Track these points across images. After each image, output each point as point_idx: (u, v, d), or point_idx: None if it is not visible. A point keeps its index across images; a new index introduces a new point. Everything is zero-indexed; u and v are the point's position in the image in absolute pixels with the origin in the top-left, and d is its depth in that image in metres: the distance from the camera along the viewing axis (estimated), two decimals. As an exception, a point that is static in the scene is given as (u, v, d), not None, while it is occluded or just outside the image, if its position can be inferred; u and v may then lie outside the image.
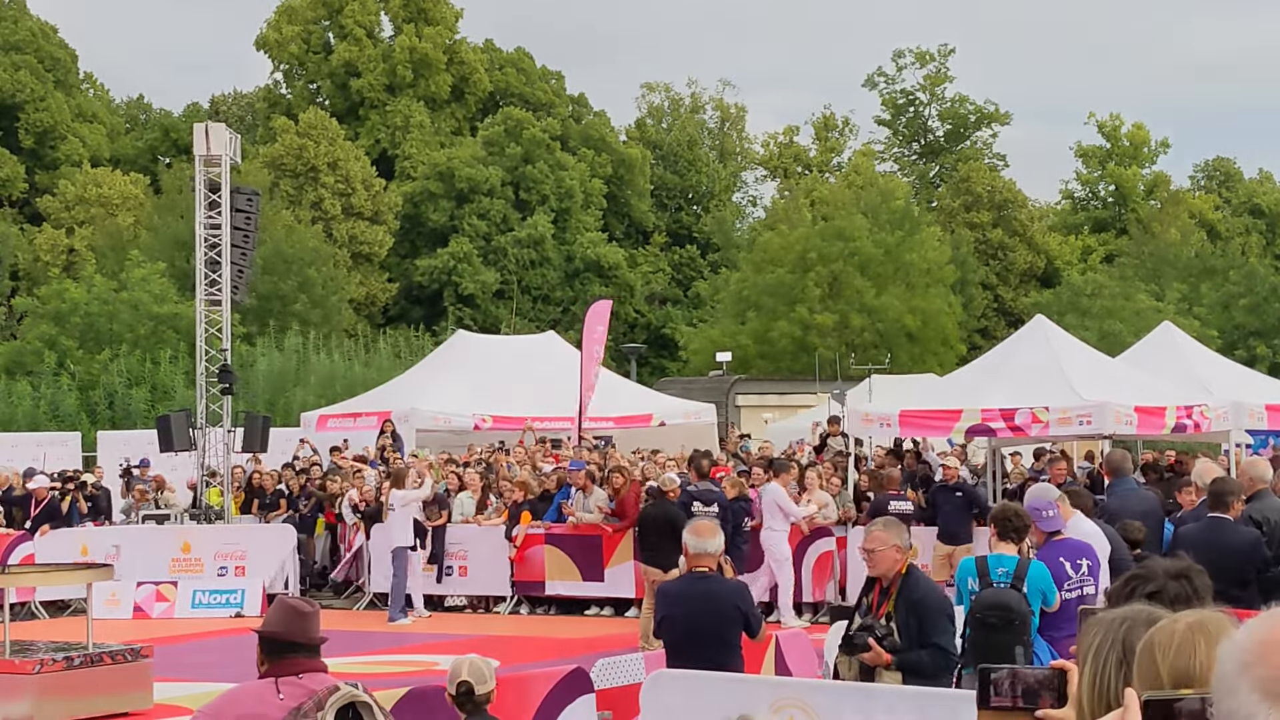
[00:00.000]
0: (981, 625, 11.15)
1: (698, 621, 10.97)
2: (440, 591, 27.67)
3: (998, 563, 11.48)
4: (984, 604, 11.17)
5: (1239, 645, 2.69)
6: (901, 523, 11.56)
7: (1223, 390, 27.46)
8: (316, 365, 57.28)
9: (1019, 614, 11.15)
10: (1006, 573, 11.37)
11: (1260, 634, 2.68)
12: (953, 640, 10.61)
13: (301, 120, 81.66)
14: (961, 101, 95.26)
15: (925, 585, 10.81)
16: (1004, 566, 11.44)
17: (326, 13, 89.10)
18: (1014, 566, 11.42)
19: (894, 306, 66.54)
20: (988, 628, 11.12)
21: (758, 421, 48.50)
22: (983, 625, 11.15)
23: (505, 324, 76.28)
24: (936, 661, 10.45)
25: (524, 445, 32.78)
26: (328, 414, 38.53)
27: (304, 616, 7.55)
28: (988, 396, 25.24)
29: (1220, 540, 13.75)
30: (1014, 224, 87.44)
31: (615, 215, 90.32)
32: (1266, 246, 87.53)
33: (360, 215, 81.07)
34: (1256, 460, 17.86)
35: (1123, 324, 61.15)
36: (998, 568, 11.43)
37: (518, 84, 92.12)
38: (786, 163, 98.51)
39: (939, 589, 11.11)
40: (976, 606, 11.20)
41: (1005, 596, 11.19)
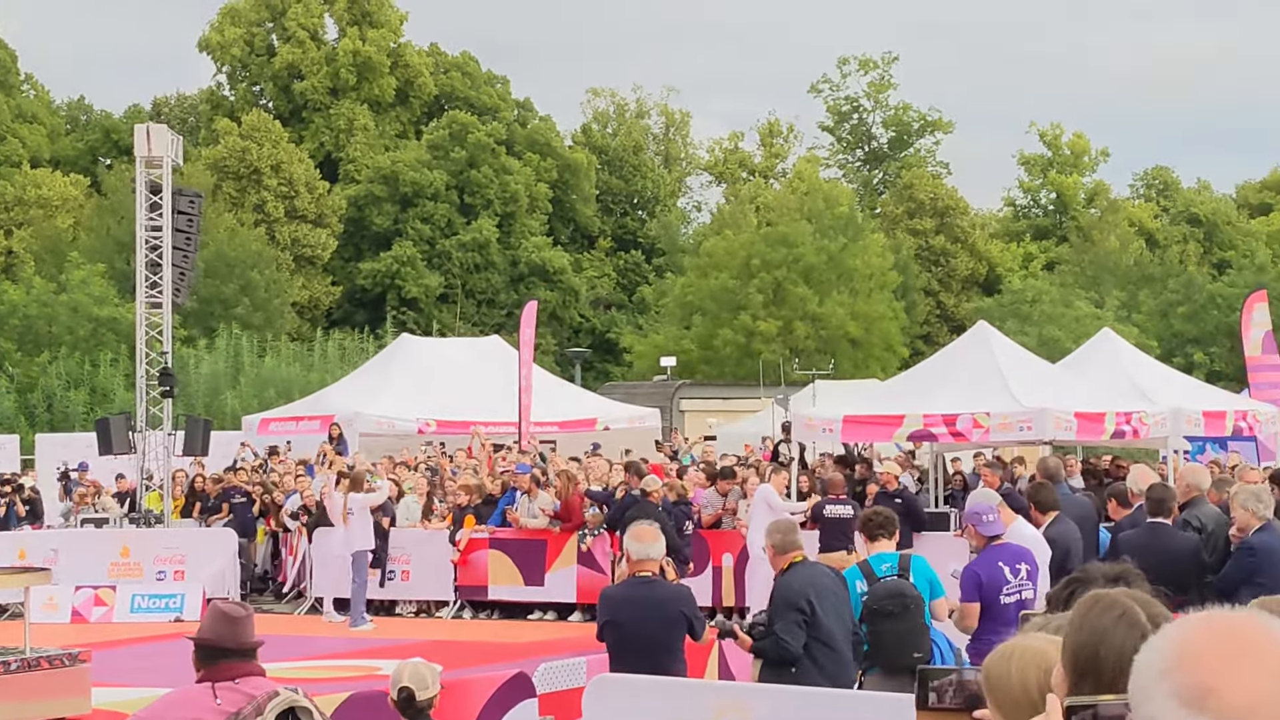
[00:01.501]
0: (880, 615, 11.43)
1: (641, 626, 10.99)
2: (383, 596, 27.58)
3: (880, 560, 11.83)
4: (879, 595, 11.47)
5: (1157, 651, 2.68)
6: (797, 524, 12.25)
7: (1161, 397, 27.62)
8: (255, 368, 57.08)
9: (912, 598, 11.47)
10: (891, 567, 11.73)
11: (1178, 640, 2.68)
12: (790, 630, 10.99)
13: (244, 122, 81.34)
14: (905, 109, 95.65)
15: (785, 580, 11.32)
16: (887, 562, 11.79)
17: (270, 15, 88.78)
18: (896, 560, 11.79)
19: (837, 313, 66.77)
20: (886, 616, 11.41)
21: (702, 426, 48.55)
22: (881, 615, 11.43)
23: (449, 328, 76.15)
24: (774, 648, 11.04)
25: (472, 451, 32.69)
26: (270, 417, 38.40)
27: (236, 621, 7.53)
28: (930, 402, 25.35)
29: (1161, 546, 13.83)
30: (956, 231, 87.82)
31: (560, 220, 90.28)
32: (1204, 255, 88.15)
33: (303, 218, 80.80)
34: (1194, 467, 17.96)
35: (1062, 331, 61.52)
36: (881, 565, 11.76)
37: (463, 88, 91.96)
38: (731, 168, 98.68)
39: (800, 583, 11.27)
40: (871, 600, 11.46)
41: (898, 584, 11.56)
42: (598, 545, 25.88)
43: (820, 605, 11.18)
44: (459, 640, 24.30)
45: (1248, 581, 13.59)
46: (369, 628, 25.57)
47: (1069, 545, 14.61)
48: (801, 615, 11.07)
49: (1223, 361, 66.06)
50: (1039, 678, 3.51)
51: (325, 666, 21.32)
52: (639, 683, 10.76)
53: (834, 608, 11.33)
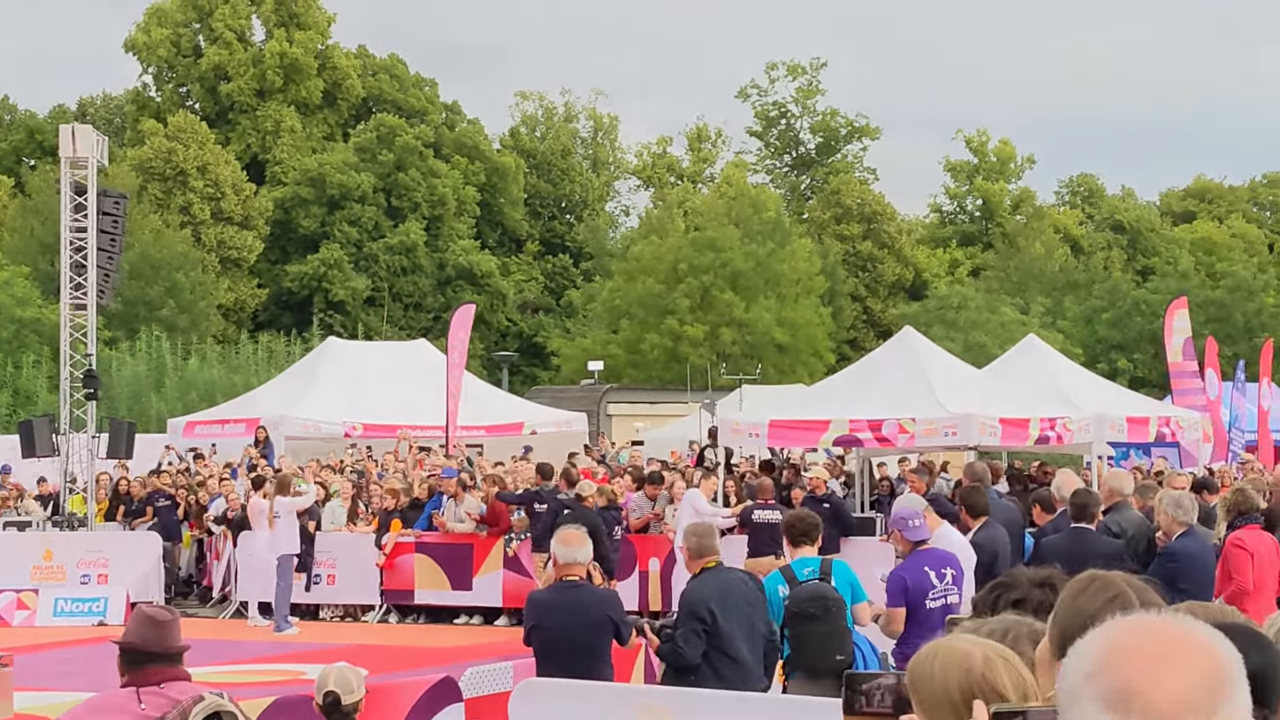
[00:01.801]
0: (801, 618, 11.45)
1: (568, 630, 11.00)
2: (309, 600, 27.46)
3: (802, 565, 11.83)
4: (800, 598, 11.49)
5: (1083, 654, 2.69)
6: (715, 529, 12.33)
7: (1085, 403, 27.83)
8: (179, 371, 56.73)
9: (834, 600, 11.48)
10: (813, 571, 11.73)
11: (1106, 642, 2.69)
12: (688, 638, 11.07)
13: (170, 123, 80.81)
14: (833, 115, 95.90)
15: (692, 586, 11.49)
16: (809, 567, 11.79)
17: (197, 16, 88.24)
18: (818, 565, 11.79)
19: (764, 318, 66.91)
20: (807, 619, 11.43)
21: (629, 430, 48.60)
22: (802, 618, 11.45)
23: (376, 331, 75.91)
24: (671, 655, 11.19)
25: (398, 455, 32.55)
26: (195, 420, 38.19)
27: (162, 626, 7.48)
28: (856, 407, 25.46)
29: (1084, 550, 13.93)
30: (883, 236, 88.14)
31: (488, 223, 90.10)
32: (1128, 262, 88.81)
33: (230, 220, 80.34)
34: (1117, 472, 18.16)
35: (988, 336, 61.83)
36: (803, 569, 11.76)
37: (391, 90, 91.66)
38: (659, 173, 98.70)
39: (704, 591, 11.36)
40: (792, 603, 11.48)
41: (819, 587, 11.57)
42: (524, 549, 25.86)
43: (724, 614, 11.19)
44: (385, 644, 24.23)
45: (1170, 587, 13.73)
46: (294, 632, 25.47)
47: (997, 550, 14.71)
48: (701, 624, 11.09)
49: (1146, 368, 66.59)
50: (960, 678, 3.54)
51: (250, 671, 21.22)
52: (566, 687, 10.76)
53: (742, 616, 11.34)
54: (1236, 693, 2.64)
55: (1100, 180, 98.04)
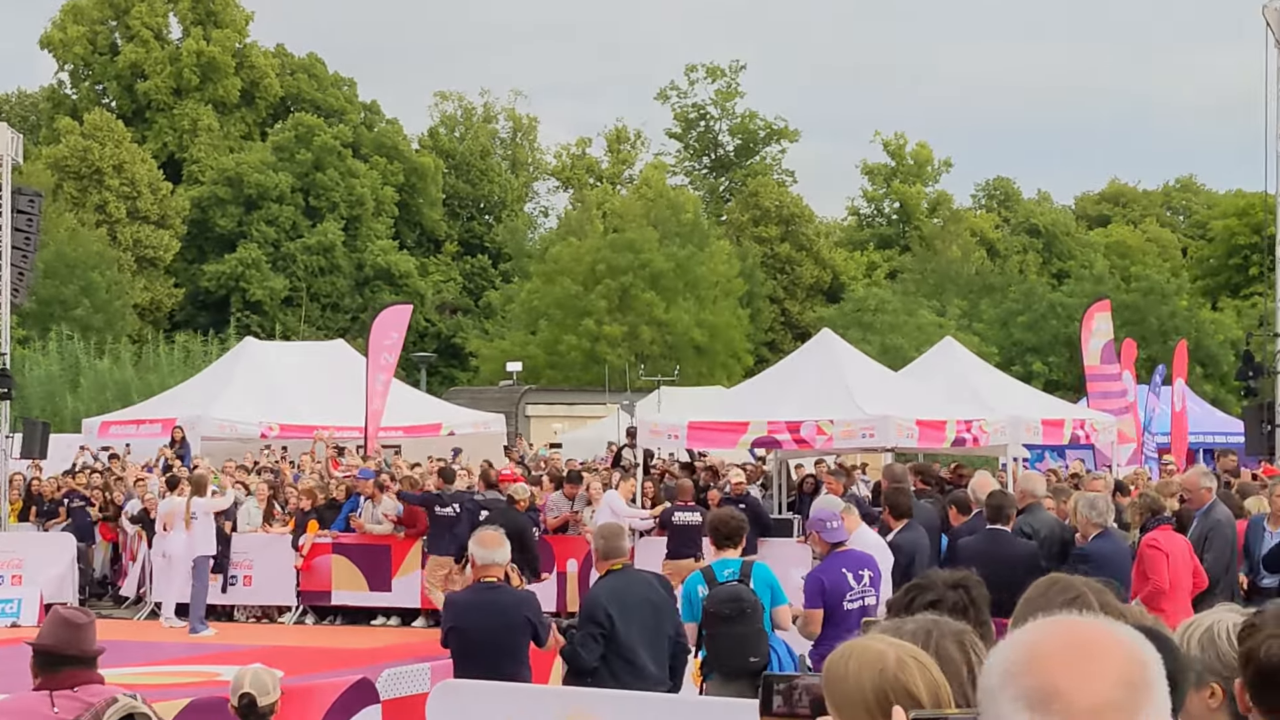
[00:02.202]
0: (717, 619, 11.48)
1: (486, 631, 10.99)
2: (225, 601, 27.30)
3: (723, 566, 11.86)
4: (716, 599, 11.52)
5: (1004, 655, 2.71)
6: (624, 530, 12.34)
7: (1001, 405, 28.02)
8: (94, 371, 56.23)
9: (750, 602, 11.49)
10: (733, 573, 11.75)
11: (1027, 642, 2.71)
12: (586, 641, 11.12)
13: (86, 121, 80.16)
14: (751, 117, 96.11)
15: (595, 589, 11.70)
16: (730, 568, 11.81)
17: (113, 13, 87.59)
18: (739, 567, 11.80)
19: (683, 319, 67.00)
20: (723, 620, 11.45)
21: (547, 432, 48.56)
22: (718, 619, 11.47)
23: (294, 331, 75.54)
24: (568, 656, 11.27)
25: (314, 456, 32.40)
26: (110, 420, 37.88)
27: (78, 628, 7.44)
28: (774, 409, 25.54)
29: (999, 552, 14.06)
30: (801, 239, 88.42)
31: (406, 224, 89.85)
32: (1044, 265, 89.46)
33: (146, 219, 79.77)
34: (1030, 474, 18.32)
35: (905, 339, 62.13)
36: (724, 570, 11.79)
37: (309, 90, 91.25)
38: (578, 174, 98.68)
39: (605, 595, 11.40)
40: (709, 603, 11.52)
41: (735, 589, 11.58)
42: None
43: (623, 618, 11.19)
44: (301, 646, 24.13)
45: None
46: (209, 633, 25.32)
47: (916, 552, 14.81)
48: (599, 628, 11.11)
49: (1061, 371, 67.06)
50: (874, 679, 3.56)
51: (165, 672, 21.09)
52: (484, 688, 10.75)
53: (644, 620, 11.33)
54: (1157, 694, 2.66)
55: (1016, 184, 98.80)
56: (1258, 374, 36.77)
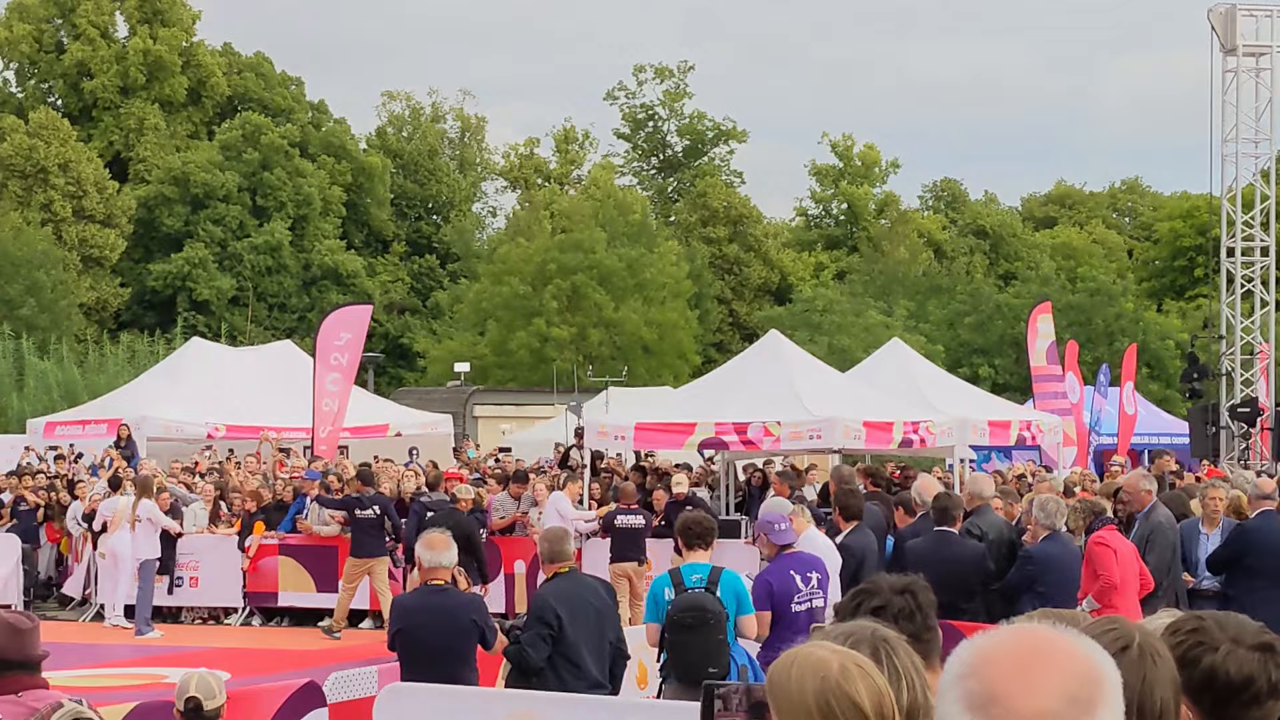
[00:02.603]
0: (679, 627, 11.46)
1: (432, 634, 10.98)
2: (171, 603, 27.19)
3: (692, 570, 11.79)
4: (679, 607, 11.49)
5: (958, 657, 2.74)
6: (568, 534, 12.33)
7: (948, 406, 28.14)
8: (38, 371, 55.92)
9: (714, 613, 11.46)
10: (701, 579, 11.68)
11: (979, 647, 2.74)
12: (535, 641, 11.16)
13: (32, 120, 79.65)
14: (700, 118, 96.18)
15: (541, 591, 11.69)
16: (698, 573, 11.74)
17: (59, 11, 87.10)
18: (707, 573, 11.73)
19: (631, 320, 67.04)
20: (684, 628, 11.44)
21: (495, 433, 48.51)
22: (680, 627, 11.46)
23: (241, 331, 75.27)
24: (516, 657, 11.27)
25: (260, 456, 32.29)
26: (55, 420, 37.69)
27: (23, 633, 7.40)
28: (721, 410, 25.59)
29: (947, 554, 14.14)
30: (749, 240, 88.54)
31: (354, 223, 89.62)
32: (990, 266, 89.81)
33: (92, 218, 79.34)
34: (979, 476, 18.38)
35: (852, 340, 62.28)
36: (692, 575, 11.73)
37: (256, 89, 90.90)
38: (527, 174, 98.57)
39: (553, 596, 11.43)
40: (673, 609, 11.49)
41: (699, 598, 11.52)
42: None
43: (571, 620, 11.25)
44: (248, 648, 24.09)
45: (1028, 589, 13.98)
46: (156, 635, 25.22)
47: (865, 555, 14.85)
48: (549, 629, 11.15)
49: (1007, 373, 67.32)
50: (817, 686, 3.56)
51: (111, 675, 21.00)
52: (430, 691, 10.75)
53: (590, 623, 11.39)
54: (1105, 707, 2.68)
55: (963, 185, 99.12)
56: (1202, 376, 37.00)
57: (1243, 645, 3.95)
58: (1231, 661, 3.92)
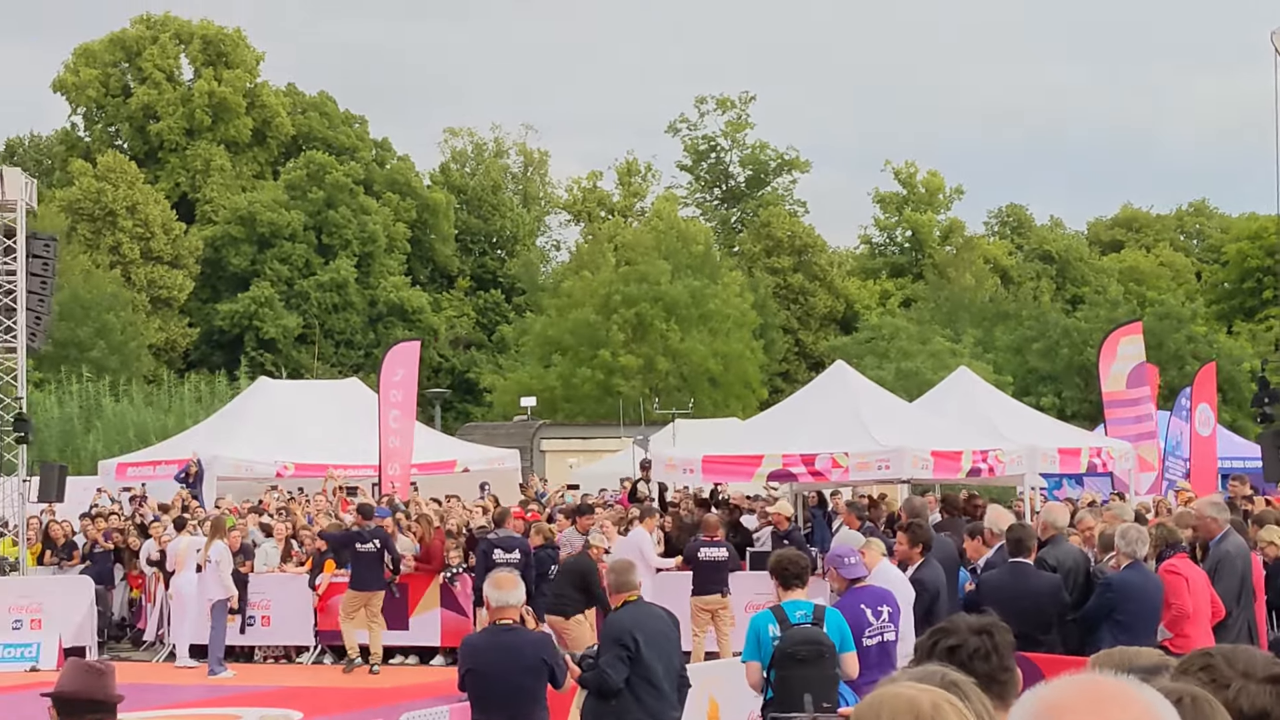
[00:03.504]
0: (792, 660, 11.30)
1: (502, 673, 10.99)
2: (243, 642, 27.28)
3: (795, 607, 11.63)
4: (794, 640, 11.34)
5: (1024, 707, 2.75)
6: (633, 565, 12.35)
7: (1016, 434, 27.94)
8: (111, 412, 56.31)
9: (827, 646, 11.37)
10: (805, 614, 11.53)
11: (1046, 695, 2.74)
12: (614, 664, 11.28)
13: (100, 163, 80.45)
14: (762, 148, 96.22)
15: (614, 618, 11.74)
16: (802, 610, 11.59)
17: (125, 56, 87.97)
18: (811, 610, 11.62)
19: (697, 351, 67.01)
20: (799, 662, 11.30)
21: (562, 467, 48.52)
22: (793, 660, 11.30)
23: (307, 369, 75.62)
24: (594, 679, 11.38)
25: (325, 494, 32.41)
26: (127, 462, 37.93)
27: (100, 675, 7.47)
28: (789, 442, 25.52)
29: (1023, 586, 14.00)
30: (814, 269, 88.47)
31: (419, 259, 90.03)
32: (1057, 291, 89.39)
33: (160, 259, 80.00)
34: (1053, 506, 18.25)
35: (920, 366, 61.98)
36: (796, 611, 11.58)
37: (320, 128, 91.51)
38: (590, 207, 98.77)
39: (628, 621, 11.55)
40: (786, 644, 11.32)
41: (813, 632, 11.41)
42: (460, 589, 25.78)
43: (646, 644, 11.37)
44: (320, 686, 24.12)
45: (1107, 618, 13.83)
46: (228, 675, 25.29)
47: (939, 588, 14.74)
48: (626, 651, 11.28)
49: (1076, 401, 66.89)
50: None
51: (184, 715, 21.09)
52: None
53: (660, 648, 11.51)
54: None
55: (1028, 210, 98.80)
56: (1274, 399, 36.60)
57: (1254, 679, 3.90)
58: (1244, 697, 3.87)
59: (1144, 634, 13.31)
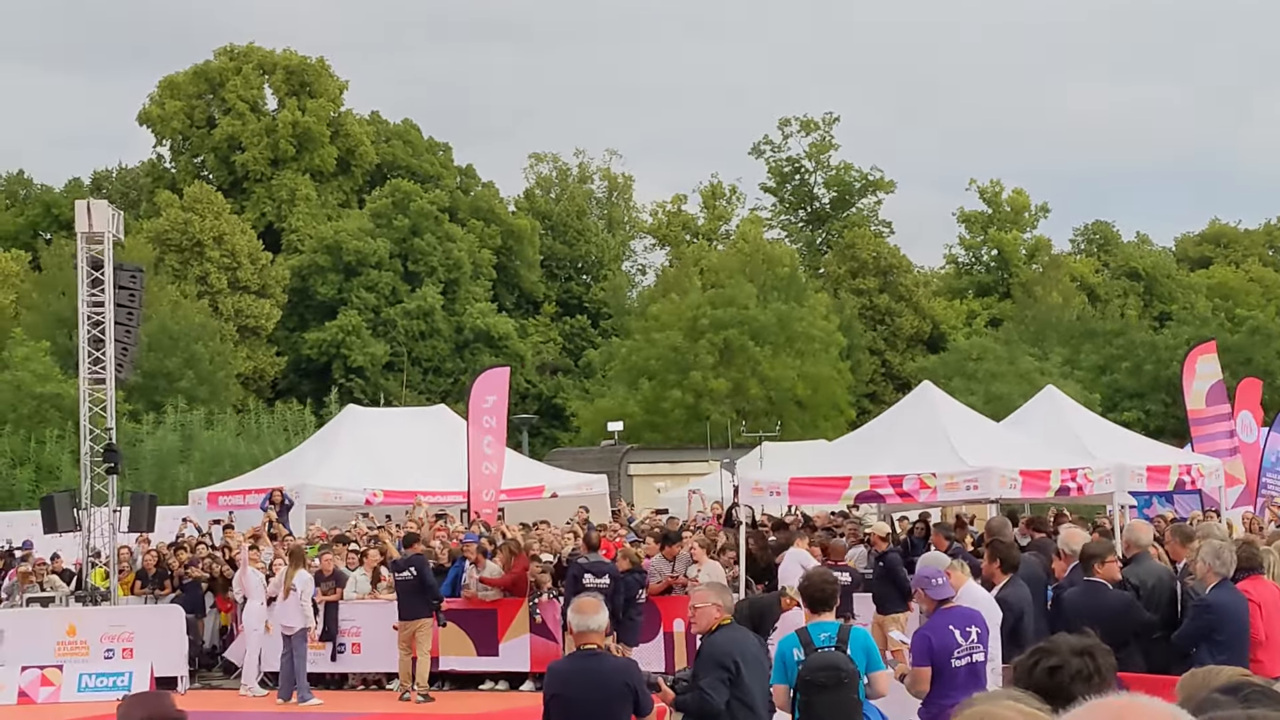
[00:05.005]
0: (812, 687, 11.40)
1: (587, 700, 10.96)
2: (335, 669, 27.42)
3: (820, 629, 11.70)
4: (813, 666, 11.43)
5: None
6: (727, 585, 12.38)
7: (1104, 453, 27.72)
8: (204, 442, 56.77)
9: (847, 672, 11.41)
10: (830, 637, 11.60)
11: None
12: (715, 685, 11.20)
13: (186, 194, 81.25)
14: (846, 169, 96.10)
15: (713, 639, 11.50)
16: (826, 632, 11.65)
17: (209, 87, 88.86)
18: (835, 631, 11.66)
19: (785, 373, 66.93)
20: (818, 688, 11.39)
21: (649, 491, 48.50)
22: (814, 687, 11.40)
23: (395, 396, 76.02)
24: (696, 701, 11.29)
25: (420, 524, 32.48)
26: (217, 491, 38.18)
27: (159, 697, 7.49)
28: (876, 463, 25.38)
29: (1095, 604, 13.89)
30: (900, 289, 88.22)
31: (505, 286, 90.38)
32: (1145, 308, 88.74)
33: (247, 289, 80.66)
34: (1136, 524, 18.04)
35: (1009, 387, 61.66)
36: (820, 634, 11.63)
37: (404, 156, 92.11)
38: (675, 231, 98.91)
39: (728, 644, 11.44)
40: (805, 670, 11.43)
41: (833, 657, 11.47)
42: (549, 614, 25.77)
43: (745, 667, 11.35)
44: (411, 713, 24.19)
45: (1206, 638, 13.63)
46: (316, 703, 25.41)
47: (1024, 608, 14.62)
48: (727, 673, 11.25)
49: (1161, 417, 66.35)
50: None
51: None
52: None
53: (757, 672, 11.51)
54: None
55: (1115, 227, 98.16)
56: (1367, 415, 36.05)
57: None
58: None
59: (1241, 654, 13.14)
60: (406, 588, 25.39)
